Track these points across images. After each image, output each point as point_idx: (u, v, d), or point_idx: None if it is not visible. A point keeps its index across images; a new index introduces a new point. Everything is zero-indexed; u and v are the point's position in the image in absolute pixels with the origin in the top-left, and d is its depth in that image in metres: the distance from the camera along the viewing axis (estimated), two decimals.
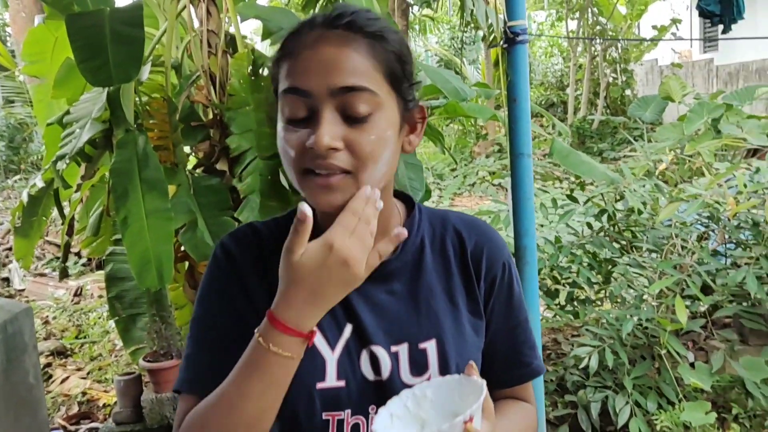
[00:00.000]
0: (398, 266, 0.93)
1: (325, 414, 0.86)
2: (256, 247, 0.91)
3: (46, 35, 4.05)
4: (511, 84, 2.30)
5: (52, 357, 4.64)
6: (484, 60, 13.68)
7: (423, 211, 0.99)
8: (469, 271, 0.96)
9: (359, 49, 0.81)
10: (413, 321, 0.91)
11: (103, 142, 3.42)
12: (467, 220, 1.01)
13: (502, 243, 1.00)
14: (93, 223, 3.72)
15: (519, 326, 1.00)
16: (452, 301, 0.94)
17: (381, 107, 0.82)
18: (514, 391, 1.01)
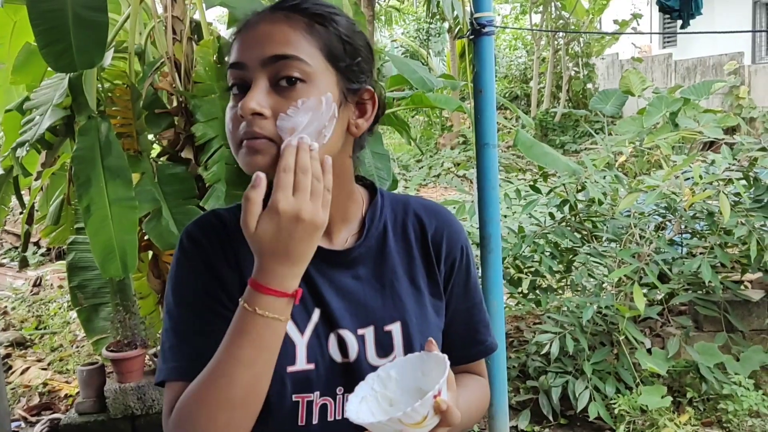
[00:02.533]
0: (362, 252, 0.95)
1: (295, 396, 0.88)
2: (223, 233, 0.91)
3: (4, 19, 3.94)
4: (477, 75, 2.34)
5: (12, 348, 4.54)
6: (450, 52, 13.75)
7: (385, 197, 1.02)
8: (429, 254, 0.99)
9: (295, 26, 0.84)
10: (378, 304, 0.94)
11: (64, 129, 3.36)
12: (427, 206, 1.04)
13: (460, 227, 1.04)
14: (53, 212, 3.66)
15: (475, 306, 1.04)
16: (415, 284, 0.97)
17: (312, 78, 0.83)
18: (470, 366, 1.06)
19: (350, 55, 0.87)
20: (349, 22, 0.89)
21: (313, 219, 0.78)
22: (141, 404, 3.11)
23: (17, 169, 3.44)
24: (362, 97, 0.90)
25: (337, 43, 0.86)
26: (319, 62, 0.84)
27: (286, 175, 0.78)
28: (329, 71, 0.85)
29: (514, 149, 6.15)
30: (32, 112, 3.29)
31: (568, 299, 3.42)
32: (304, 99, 0.82)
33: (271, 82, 0.83)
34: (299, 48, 0.83)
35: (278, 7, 0.87)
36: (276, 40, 0.83)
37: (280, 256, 0.78)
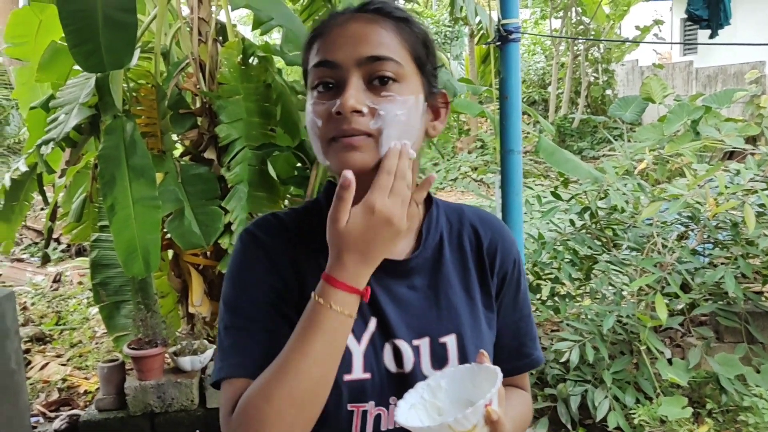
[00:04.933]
0: (419, 262, 0.95)
1: (350, 405, 0.88)
2: (284, 234, 0.93)
3: (31, 17, 3.98)
4: (502, 81, 2.33)
5: (31, 343, 4.59)
6: (468, 55, 13.72)
7: (440, 206, 1.02)
8: (484, 266, 0.99)
9: (387, 27, 0.87)
10: (434, 316, 0.93)
11: (89, 127, 3.39)
12: (482, 216, 1.04)
13: (513, 240, 1.03)
14: (76, 209, 3.69)
15: (522, 319, 1.03)
16: (470, 296, 0.96)
17: (405, 79, 0.86)
18: (515, 380, 1.04)
19: (430, 59, 0.90)
20: (424, 25, 0.92)
21: (400, 225, 0.81)
22: (160, 402, 3.14)
23: (41, 166, 3.48)
24: (438, 100, 0.93)
25: (421, 47, 0.89)
26: (408, 64, 0.87)
27: (388, 177, 0.81)
28: (416, 74, 0.88)
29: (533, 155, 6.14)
30: (58, 110, 3.33)
31: (587, 307, 3.40)
32: (401, 97, 0.84)
33: (365, 81, 0.84)
34: (393, 50, 0.85)
35: (361, 10, 0.89)
36: (371, 40, 0.85)
37: (360, 254, 0.81)
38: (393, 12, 0.89)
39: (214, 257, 3.44)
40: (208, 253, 3.46)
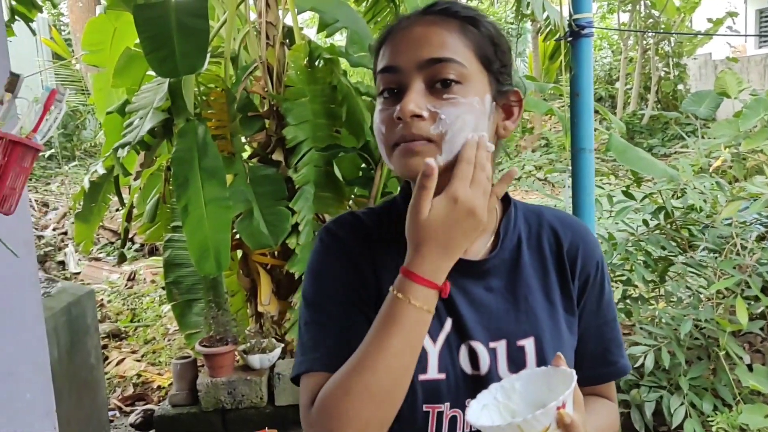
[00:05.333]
0: (496, 263, 0.92)
1: (426, 406, 0.87)
2: (363, 232, 0.93)
3: (106, 25, 4.14)
4: (574, 78, 2.27)
5: (108, 339, 4.77)
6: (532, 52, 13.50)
7: (519, 207, 0.99)
8: (564, 268, 0.95)
9: (449, 28, 0.85)
10: (511, 318, 0.90)
11: (162, 131, 3.50)
12: (562, 218, 1.00)
13: (595, 242, 0.99)
14: (150, 210, 3.82)
15: (607, 324, 0.99)
16: (549, 299, 0.93)
17: (468, 80, 0.84)
18: (599, 388, 1.00)
19: (500, 58, 0.88)
20: (495, 25, 0.90)
21: (482, 216, 0.80)
22: (231, 399, 3.21)
23: (118, 169, 3.62)
24: (510, 99, 0.90)
25: (488, 45, 0.87)
26: (473, 65, 0.85)
27: (468, 167, 0.80)
28: (482, 73, 0.86)
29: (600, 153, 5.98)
30: (132, 115, 3.45)
31: (662, 310, 3.28)
32: (463, 99, 0.83)
33: (427, 85, 0.83)
34: (455, 50, 0.84)
35: (429, 11, 0.87)
36: (432, 42, 0.84)
37: (441, 246, 0.80)
38: (459, 12, 0.87)
39: (281, 257, 3.50)
40: (276, 253, 3.52)
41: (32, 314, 1.30)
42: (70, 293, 3.02)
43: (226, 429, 3.24)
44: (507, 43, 0.91)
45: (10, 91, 0.98)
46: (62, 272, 6.20)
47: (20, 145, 0.99)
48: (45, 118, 1.03)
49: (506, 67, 0.89)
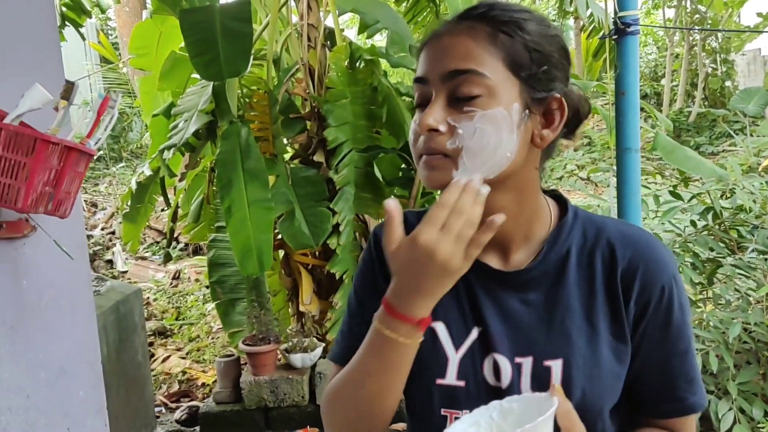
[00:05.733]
0: (535, 275, 0.88)
1: (444, 410, 0.88)
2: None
3: (152, 29, 4.24)
4: (619, 76, 2.23)
5: (154, 337, 4.89)
6: (574, 50, 13.32)
7: (579, 217, 0.92)
8: (616, 290, 0.87)
9: (477, 37, 0.82)
10: (542, 336, 0.87)
11: (206, 133, 3.56)
12: (626, 233, 0.90)
13: (664, 263, 0.88)
14: (194, 211, 3.89)
15: (677, 357, 0.89)
16: (590, 322, 0.87)
17: (493, 91, 0.80)
18: (668, 423, 0.92)
19: (537, 63, 0.83)
20: (542, 26, 0.85)
21: (446, 261, 0.76)
22: (273, 397, 3.25)
23: (164, 170, 3.70)
24: (549, 106, 0.85)
25: (522, 51, 0.82)
26: (500, 73, 0.81)
27: (439, 211, 0.77)
28: (511, 81, 0.82)
29: (646, 151, 5.87)
30: (177, 117, 3.52)
31: (710, 313, 3.20)
32: (483, 112, 0.80)
33: (450, 97, 0.81)
34: (480, 61, 0.80)
35: (465, 16, 0.85)
36: (456, 53, 0.81)
37: (409, 284, 0.79)
38: (495, 16, 0.83)
39: (322, 257, 3.52)
40: (317, 253, 3.55)
41: (85, 313, 1.34)
42: (118, 292, 3.10)
43: (269, 427, 3.29)
44: (556, 44, 0.85)
45: (65, 98, 1.01)
46: (110, 271, 6.36)
47: (75, 151, 1.03)
48: (98, 124, 1.07)
49: (547, 71, 0.83)
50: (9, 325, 1.13)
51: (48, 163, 0.98)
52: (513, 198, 0.86)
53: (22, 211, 1.00)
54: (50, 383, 1.23)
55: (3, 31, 1.17)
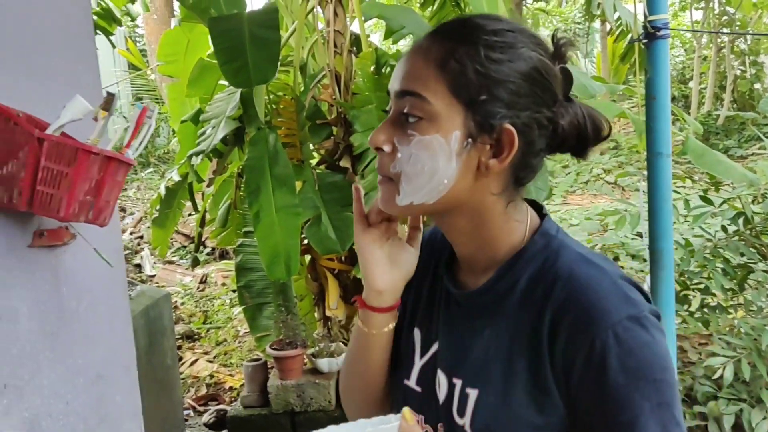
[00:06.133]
0: (483, 301, 0.85)
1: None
2: (439, 242, 0.96)
3: (180, 37, 4.29)
4: (649, 81, 2.21)
5: (182, 340, 4.94)
6: (600, 52, 13.19)
7: (547, 243, 0.84)
8: (541, 332, 0.78)
9: (429, 57, 0.79)
10: (470, 362, 0.84)
11: (234, 139, 3.60)
12: (574, 271, 0.79)
13: (603, 313, 0.74)
14: (221, 216, 3.93)
15: (616, 425, 0.74)
16: (510, 360, 0.80)
17: (433, 117, 0.77)
18: None
19: (487, 90, 0.77)
20: (509, 50, 0.78)
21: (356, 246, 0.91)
22: (300, 401, 3.26)
23: (192, 176, 3.74)
24: (500, 135, 0.78)
25: (473, 77, 0.77)
26: (443, 99, 0.77)
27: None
28: (456, 108, 0.77)
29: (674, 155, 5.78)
30: (206, 124, 3.57)
31: (742, 320, 3.15)
32: (420, 137, 0.77)
33: (399, 116, 0.80)
34: (424, 84, 0.78)
35: (433, 33, 0.82)
36: (407, 73, 0.80)
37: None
38: (456, 36, 0.79)
39: (348, 262, 3.54)
40: (343, 258, 3.56)
41: (121, 319, 1.37)
42: (148, 296, 3.14)
43: (295, 431, 3.30)
44: (522, 70, 0.78)
45: (105, 109, 1.04)
46: (138, 275, 6.45)
47: (114, 161, 1.05)
48: (136, 134, 1.09)
49: (498, 99, 0.77)
50: (49, 332, 1.16)
51: (89, 173, 1.00)
52: (468, 222, 0.83)
53: (64, 219, 1.02)
54: (88, 389, 1.25)
55: (43, 43, 1.20)
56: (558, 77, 0.81)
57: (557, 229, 0.86)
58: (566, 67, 0.83)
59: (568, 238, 0.85)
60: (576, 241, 0.85)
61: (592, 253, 0.83)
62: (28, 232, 1.11)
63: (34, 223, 1.12)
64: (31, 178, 0.97)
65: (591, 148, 0.84)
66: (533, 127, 0.79)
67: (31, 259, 1.12)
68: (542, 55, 0.80)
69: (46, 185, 0.98)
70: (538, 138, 0.80)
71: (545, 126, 0.80)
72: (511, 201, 0.83)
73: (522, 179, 0.83)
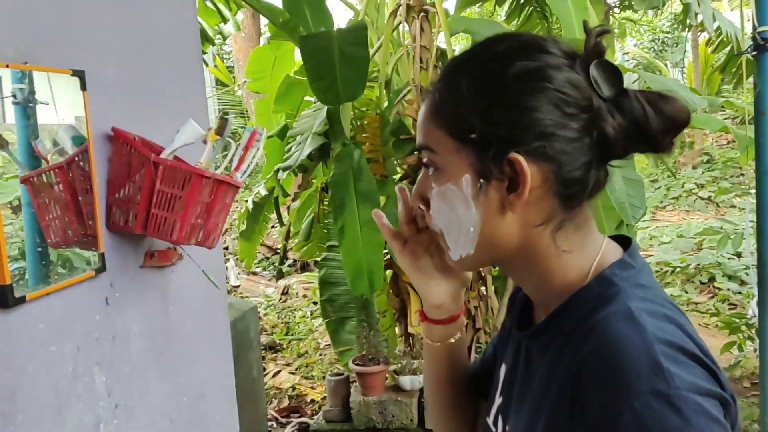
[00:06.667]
0: (536, 345, 0.77)
1: None
2: None
3: (268, 54, 4.40)
4: (759, 95, 2.08)
5: (265, 351, 5.02)
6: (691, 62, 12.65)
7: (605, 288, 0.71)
8: (565, 392, 0.67)
9: (428, 103, 0.74)
10: (513, 408, 0.79)
11: (318, 154, 3.65)
12: (607, 327, 0.66)
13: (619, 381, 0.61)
14: (305, 229, 3.98)
15: None
16: (538, 412, 0.72)
17: (441, 165, 0.72)
18: None
19: (480, 121, 0.70)
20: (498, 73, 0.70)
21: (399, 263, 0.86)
22: (382, 418, 3.24)
23: (278, 190, 3.82)
24: (513, 167, 0.69)
25: (462, 112, 0.71)
26: (446, 144, 0.72)
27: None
28: (460, 150, 0.71)
29: None
30: (292, 140, 3.63)
31: None
32: (437, 189, 0.73)
33: (425, 170, 0.76)
34: (427, 134, 0.73)
35: (440, 74, 0.77)
36: (418, 125, 0.75)
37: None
38: (444, 72, 0.74)
39: None
40: None
41: (222, 339, 1.39)
42: (236, 308, 3.21)
43: None
44: (522, 88, 0.69)
45: (219, 134, 1.05)
46: None
47: (224, 184, 1.06)
48: (245, 158, 1.10)
49: (497, 129, 0.69)
50: (157, 351, 1.19)
51: (201, 196, 1.02)
52: (518, 262, 0.75)
53: (176, 242, 1.04)
54: (190, 407, 1.27)
55: (156, 69, 1.24)
56: (579, 79, 0.70)
57: (631, 271, 0.72)
58: (605, 60, 0.70)
59: (633, 288, 0.69)
60: (644, 291, 0.70)
61: (653, 308, 0.67)
62: (139, 252, 1.15)
63: (145, 244, 1.15)
64: (146, 201, 1.00)
65: (666, 141, 0.70)
66: (554, 146, 0.68)
67: (142, 280, 1.15)
68: (550, 63, 0.69)
69: (160, 208, 1.00)
70: (570, 153, 0.69)
71: (576, 138, 0.69)
72: (561, 228, 0.73)
73: (570, 198, 0.72)
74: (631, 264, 0.73)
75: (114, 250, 1.09)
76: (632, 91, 0.71)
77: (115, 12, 1.14)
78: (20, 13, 0.92)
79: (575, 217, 0.73)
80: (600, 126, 0.69)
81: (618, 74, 0.70)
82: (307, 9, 3.37)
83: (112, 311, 1.08)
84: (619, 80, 0.70)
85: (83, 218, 1.01)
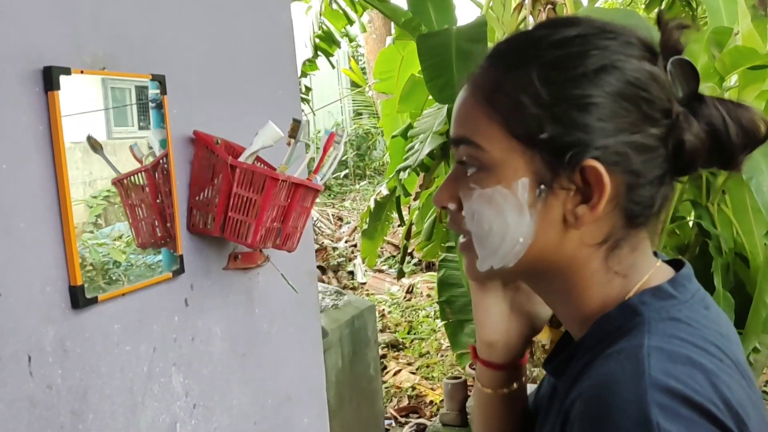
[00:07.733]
0: (549, 369, 0.72)
1: None
2: None
3: (395, 54, 4.43)
4: None
5: (387, 349, 5.06)
6: None
7: (628, 318, 0.62)
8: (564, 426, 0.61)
9: (478, 91, 0.64)
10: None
11: (440, 153, 3.60)
12: (606, 360, 0.59)
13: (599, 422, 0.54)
14: (427, 229, 3.96)
15: None
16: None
17: (490, 165, 0.63)
18: None
19: (551, 121, 0.61)
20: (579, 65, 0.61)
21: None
22: None
23: (399, 189, 3.83)
24: (584, 175, 0.61)
25: (530, 107, 0.61)
26: (500, 142, 0.63)
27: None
28: (518, 150, 0.62)
29: None
30: (415, 138, 3.62)
31: None
32: (480, 191, 0.63)
33: (459, 167, 0.67)
34: (474, 127, 0.64)
35: (488, 55, 0.67)
36: (457, 115, 0.66)
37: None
38: (505, 59, 0.64)
39: None
40: None
41: (312, 342, 1.39)
42: (354, 306, 3.25)
43: None
44: (605, 85, 0.60)
45: (292, 136, 1.04)
46: (351, 281, 6.77)
47: (302, 187, 1.05)
48: (324, 160, 1.08)
49: (573, 130, 0.60)
50: (241, 353, 1.20)
51: (276, 200, 1.01)
52: (557, 283, 0.66)
53: (251, 246, 1.05)
54: (276, 410, 1.28)
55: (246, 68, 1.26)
56: (665, 79, 0.61)
57: (670, 301, 0.62)
58: (683, 58, 0.61)
59: (663, 322, 0.59)
60: (678, 327, 0.59)
61: (675, 348, 0.57)
62: (223, 255, 1.16)
63: (230, 245, 1.17)
64: (224, 204, 1.01)
65: (743, 156, 0.62)
66: (633, 155, 0.60)
67: (226, 282, 1.17)
68: (634, 56, 0.61)
69: (236, 212, 1.01)
70: (646, 165, 0.61)
71: (654, 147, 0.61)
72: (616, 248, 0.64)
73: (637, 216, 0.63)
74: (672, 293, 0.62)
75: (195, 252, 1.12)
76: (708, 97, 0.61)
77: (202, 17, 1.16)
78: (102, 21, 0.95)
79: (633, 237, 0.64)
80: (677, 135, 0.60)
81: (696, 76, 0.61)
82: (431, 7, 3.34)
83: (191, 313, 1.10)
84: (696, 83, 0.61)
85: (164, 220, 1.04)
